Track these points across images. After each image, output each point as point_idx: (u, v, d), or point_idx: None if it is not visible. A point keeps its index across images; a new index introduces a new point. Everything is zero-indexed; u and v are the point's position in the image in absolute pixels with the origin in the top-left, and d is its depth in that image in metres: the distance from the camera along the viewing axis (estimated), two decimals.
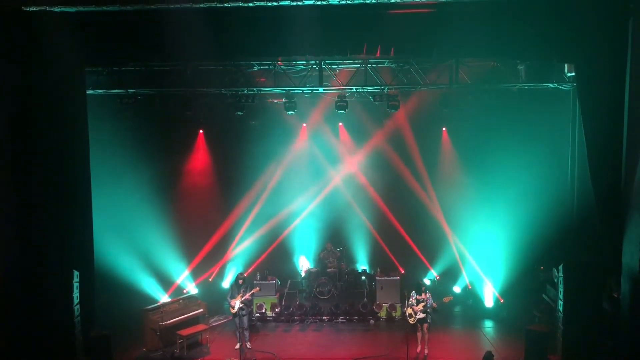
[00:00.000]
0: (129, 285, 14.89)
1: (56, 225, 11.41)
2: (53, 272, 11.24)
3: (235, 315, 12.84)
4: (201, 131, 17.17)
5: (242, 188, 17.15)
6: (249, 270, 17.02)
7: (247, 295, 12.88)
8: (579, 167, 13.30)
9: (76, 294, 11.47)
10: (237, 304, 12.73)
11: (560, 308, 11.78)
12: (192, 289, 16.09)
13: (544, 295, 13.98)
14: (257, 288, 13.50)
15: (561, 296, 11.79)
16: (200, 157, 17.42)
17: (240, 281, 12.99)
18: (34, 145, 11.37)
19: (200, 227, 17.13)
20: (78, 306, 11.54)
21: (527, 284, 14.82)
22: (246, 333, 12.96)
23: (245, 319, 12.87)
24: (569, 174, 14.02)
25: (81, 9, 10.50)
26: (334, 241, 17.05)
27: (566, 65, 13.10)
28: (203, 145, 17.35)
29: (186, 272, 16.46)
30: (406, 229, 17.05)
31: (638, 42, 10.29)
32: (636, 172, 10.22)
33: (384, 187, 17.22)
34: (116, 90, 13.86)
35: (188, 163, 17.34)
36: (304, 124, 17.12)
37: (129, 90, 13.84)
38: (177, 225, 16.49)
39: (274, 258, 17.32)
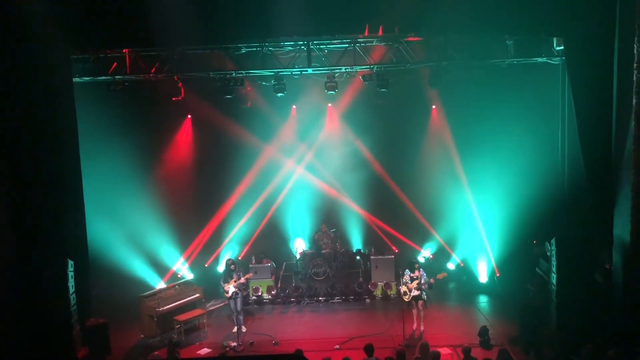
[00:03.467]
0: (124, 272, 14.87)
1: (48, 215, 11.36)
2: (47, 262, 11.20)
3: (230, 298, 12.89)
4: (189, 116, 17.01)
5: (234, 172, 17.03)
6: (243, 252, 17.05)
7: (242, 280, 12.90)
8: (570, 141, 13.36)
9: (71, 283, 11.47)
10: (230, 288, 12.76)
11: (554, 281, 11.90)
12: (187, 274, 16.10)
13: (537, 270, 14.10)
14: (251, 273, 13.55)
15: (554, 269, 11.90)
16: (189, 142, 17.25)
17: (232, 267, 13.00)
18: (22, 135, 11.26)
19: (192, 212, 17.11)
20: (74, 295, 11.54)
21: (520, 259, 14.94)
22: (240, 317, 12.98)
23: (239, 302, 12.86)
24: (560, 148, 14.07)
25: None
26: (328, 222, 17.10)
27: (555, 39, 13.08)
28: (192, 129, 17.17)
29: (181, 258, 16.47)
30: (398, 208, 17.00)
31: (626, 14, 10.27)
32: (626, 145, 10.27)
33: (376, 167, 17.16)
34: (103, 77, 13.70)
35: (177, 148, 17.15)
36: (294, 106, 17.02)
37: (116, 77, 13.69)
38: (170, 210, 16.40)
39: (268, 241, 17.31)
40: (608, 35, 10.69)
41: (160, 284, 15.05)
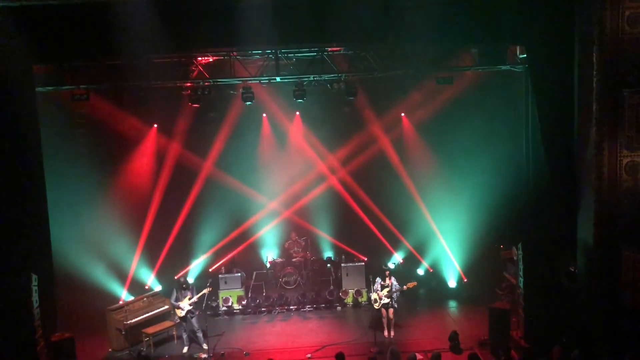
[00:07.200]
0: (90, 285, 14.52)
1: (10, 228, 11.00)
2: (10, 277, 10.86)
3: (183, 318, 12.53)
4: (155, 125, 16.63)
5: (203, 182, 16.83)
6: (215, 266, 16.76)
7: (195, 298, 12.61)
8: (534, 146, 13.59)
9: (35, 297, 11.16)
10: (185, 306, 12.47)
11: (521, 285, 12.10)
12: (155, 285, 15.83)
13: (505, 273, 14.32)
14: (209, 288, 12.87)
15: (521, 273, 12.11)
16: (154, 151, 16.80)
17: (184, 285, 12.74)
18: None
19: (158, 223, 16.64)
20: (38, 310, 11.25)
21: (488, 263, 15.15)
22: (199, 334, 12.65)
23: (194, 321, 12.61)
24: (525, 154, 14.32)
25: (25, 3, 10.09)
26: (298, 230, 17.06)
27: (518, 47, 13.35)
28: (158, 139, 16.72)
29: (138, 265, 16.10)
30: (368, 215, 16.97)
31: (584, 22, 10.56)
32: (587, 149, 10.53)
33: (346, 175, 17.20)
34: (67, 87, 13.40)
35: (143, 158, 16.71)
36: (264, 115, 16.95)
37: (80, 86, 13.43)
38: (134, 220, 16.09)
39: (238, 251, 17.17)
40: (569, 42, 10.96)
41: (124, 294, 14.78)
